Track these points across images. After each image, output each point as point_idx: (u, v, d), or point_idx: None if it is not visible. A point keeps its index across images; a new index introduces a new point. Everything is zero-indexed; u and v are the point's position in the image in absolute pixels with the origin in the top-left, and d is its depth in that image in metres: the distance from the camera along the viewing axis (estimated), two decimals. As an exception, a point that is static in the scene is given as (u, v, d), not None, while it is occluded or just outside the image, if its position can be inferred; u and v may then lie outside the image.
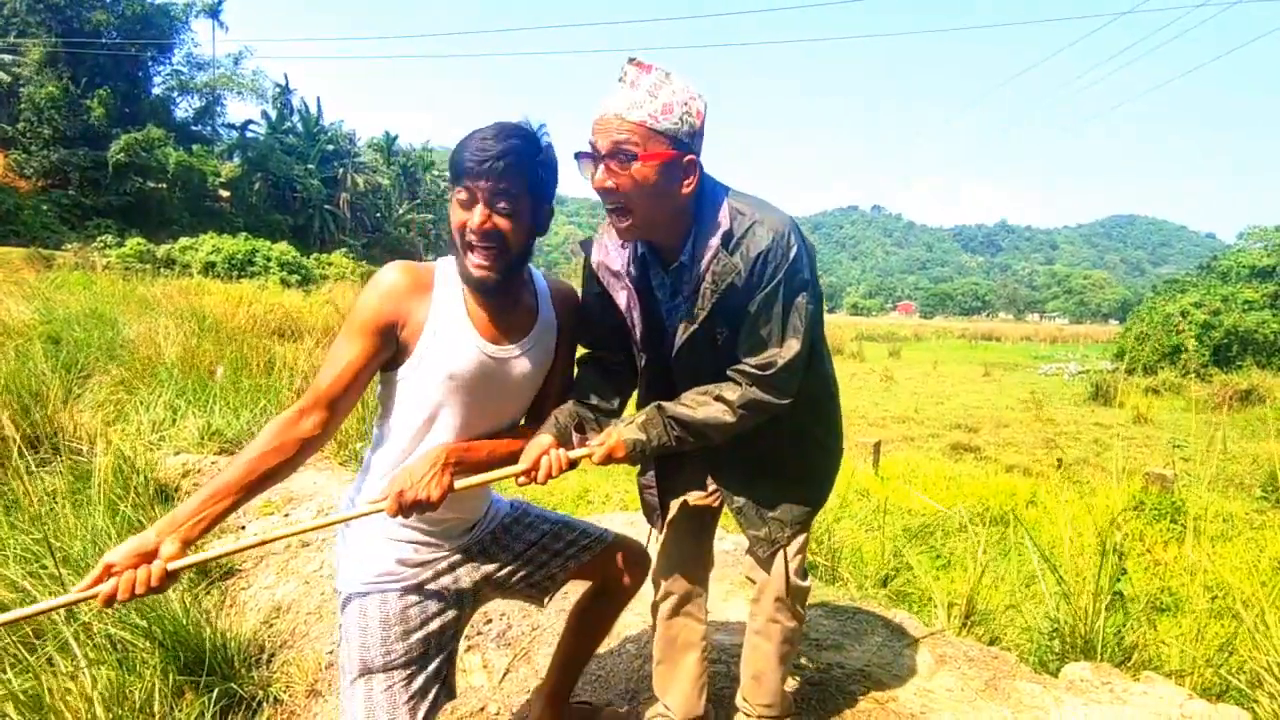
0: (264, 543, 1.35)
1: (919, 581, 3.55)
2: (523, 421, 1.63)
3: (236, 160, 42.17)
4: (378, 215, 50.29)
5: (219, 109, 43.41)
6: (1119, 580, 2.52)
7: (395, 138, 57.50)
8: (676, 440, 1.50)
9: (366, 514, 1.37)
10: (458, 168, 1.36)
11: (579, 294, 1.66)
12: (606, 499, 5.37)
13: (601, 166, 1.35)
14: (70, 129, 32.69)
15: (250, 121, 45.23)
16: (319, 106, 48.96)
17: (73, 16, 33.51)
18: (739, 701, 1.91)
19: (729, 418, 1.48)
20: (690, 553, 1.84)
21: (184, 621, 2.35)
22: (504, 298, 1.48)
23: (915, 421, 12.14)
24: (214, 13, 41.91)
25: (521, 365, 1.52)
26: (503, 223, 1.37)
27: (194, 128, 42.09)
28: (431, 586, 1.52)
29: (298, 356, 7.06)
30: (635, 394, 1.73)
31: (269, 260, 27.43)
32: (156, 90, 40.20)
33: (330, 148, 47.41)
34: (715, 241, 1.43)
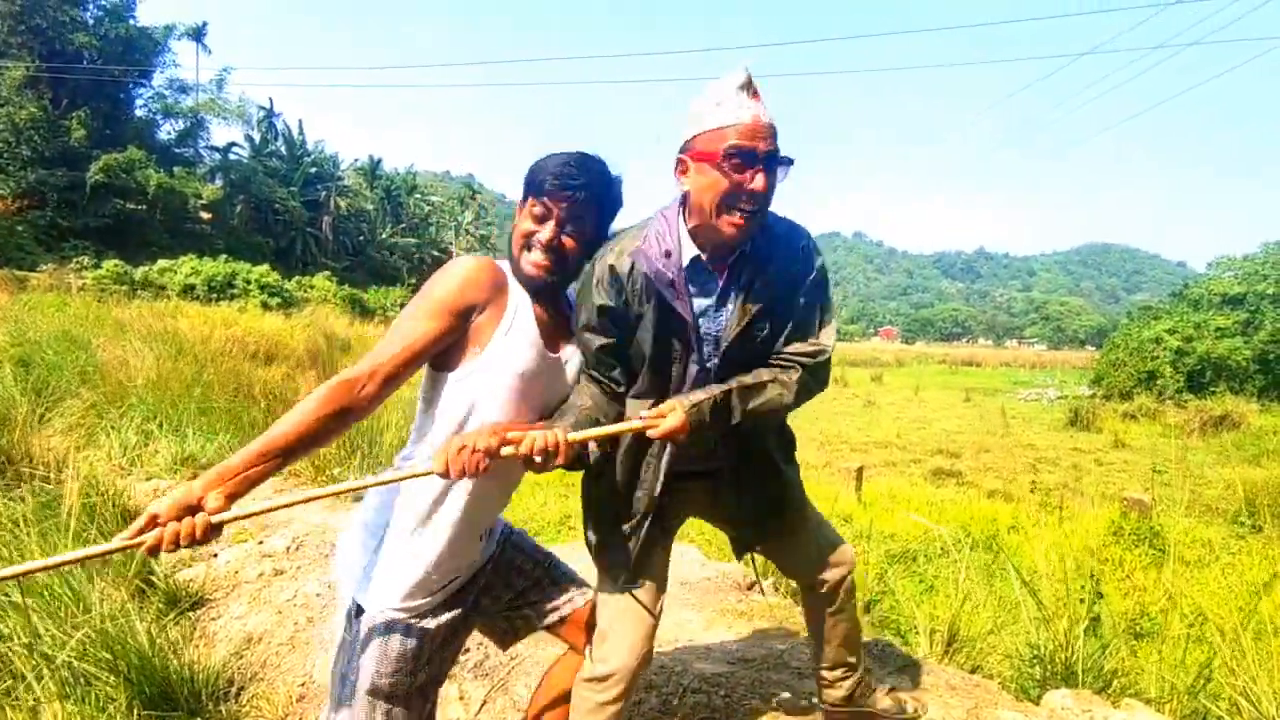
0: (308, 499, 1.33)
1: (902, 607, 3.54)
2: None
3: (219, 182, 41.80)
4: (361, 238, 50.07)
5: (203, 133, 43.13)
6: (1095, 604, 2.53)
7: (379, 161, 57.53)
8: (733, 424, 1.51)
9: (418, 475, 1.35)
10: (538, 185, 1.46)
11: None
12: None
13: (764, 172, 1.39)
14: (49, 150, 32.30)
15: (233, 144, 45.03)
16: (301, 129, 48.95)
17: (55, 38, 33.31)
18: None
19: (789, 400, 1.53)
20: (652, 614, 1.67)
21: (150, 654, 2.28)
22: (554, 306, 1.56)
23: (897, 446, 12.20)
24: (198, 36, 41.93)
25: (567, 372, 1.58)
26: (569, 242, 1.48)
27: (177, 150, 41.75)
28: (447, 617, 1.51)
29: (277, 380, 6.98)
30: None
31: (249, 283, 27.15)
32: (139, 112, 39.94)
33: (313, 170, 47.27)
34: (778, 237, 1.53)
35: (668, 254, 1.49)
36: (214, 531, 1.22)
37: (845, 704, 1.96)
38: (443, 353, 1.43)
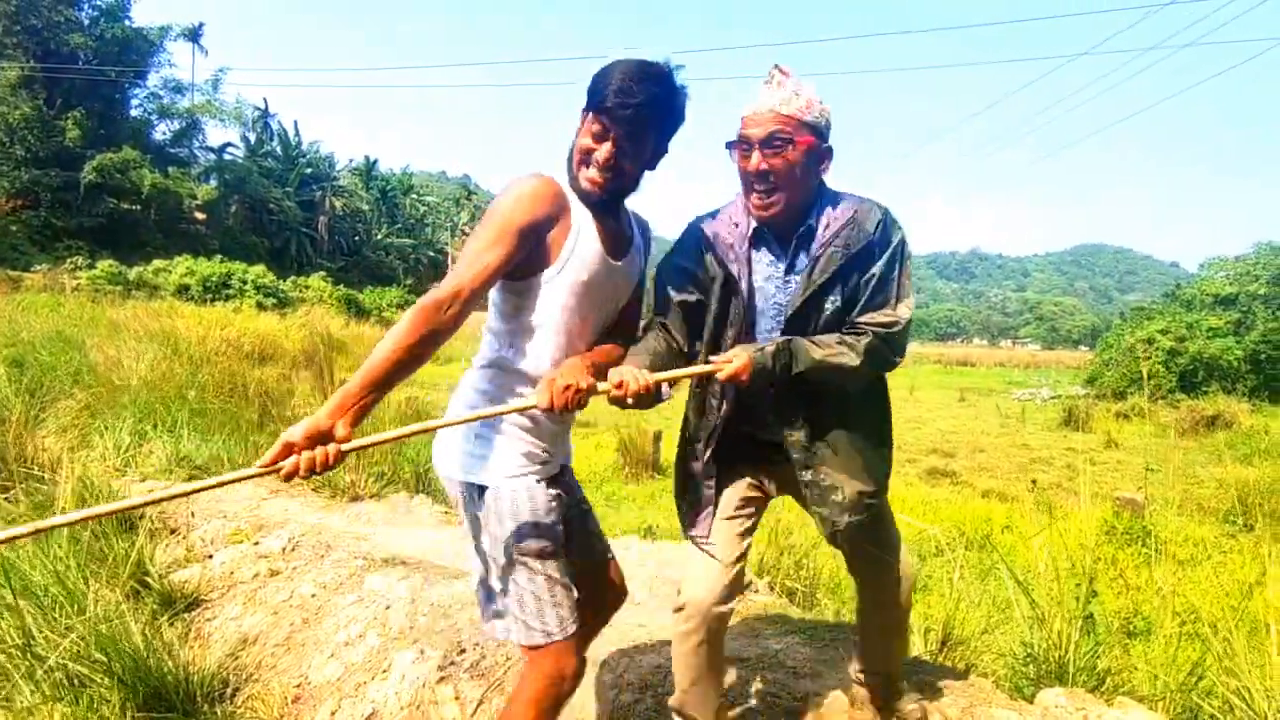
0: (426, 429, 1.46)
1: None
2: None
3: (214, 183, 41.64)
4: (356, 239, 49.97)
5: (198, 133, 42.91)
6: (1089, 603, 2.54)
7: (375, 162, 57.47)
8: (796, 377, 1.57)
9: (526, 408, 1.45)
10: (599, 99, 1.45)
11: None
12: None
13: (758, 153, 1.53)
14: (44, 150, 32.15)
15: (228, 144, 44.93)
16: (297, 130, 48.83)
17: (50, 38, 33.15)
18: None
19: (854, 362, 1.57)
20: (739, 555, 1.79)
21: (145, 655, 2.27)
22: (612, 217, 1.61)
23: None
24: (194, 36, 41.76)
25: (626, 278, 1.66)
26: (625, 159, 1.51)
27: (172, 150, 41.54)
28: (560, 491, 1.61)
29: (272, 380, 6.96)
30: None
31: (245, 283, 27.06)
32: (134, 112, 39.75)
33: (309, 171, 47.16)
34: (848, 213, 1.61)
35: (735, 225, 1.66)
36: (341, 459, 1.29)
37: (871, 703, 2.03)
38: (520, 264, 1.50)
